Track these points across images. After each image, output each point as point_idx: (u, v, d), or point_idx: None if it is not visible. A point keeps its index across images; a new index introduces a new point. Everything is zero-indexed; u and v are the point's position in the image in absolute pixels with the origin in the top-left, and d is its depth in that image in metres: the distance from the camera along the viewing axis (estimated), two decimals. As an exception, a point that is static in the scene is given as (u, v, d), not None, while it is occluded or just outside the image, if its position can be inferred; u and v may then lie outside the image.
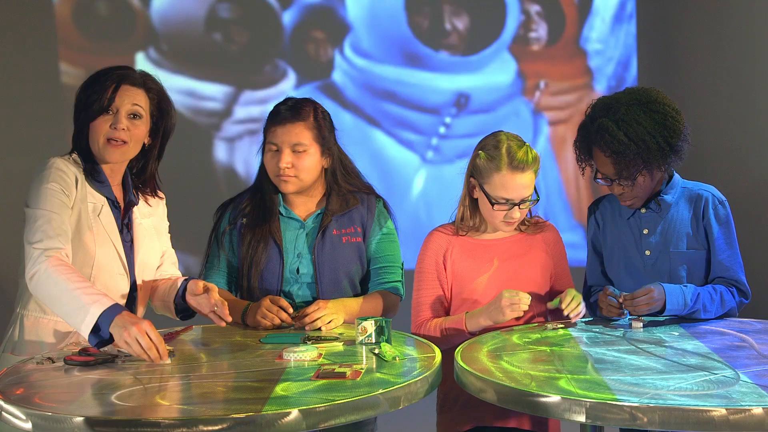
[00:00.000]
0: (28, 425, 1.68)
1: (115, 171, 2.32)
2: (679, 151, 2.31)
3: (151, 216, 2.39)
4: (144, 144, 2.33)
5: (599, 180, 2.37)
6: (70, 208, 2.19)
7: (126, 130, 2.24)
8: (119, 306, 2.02)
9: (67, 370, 1.97)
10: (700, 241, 2.37)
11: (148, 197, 2.40)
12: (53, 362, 2.02)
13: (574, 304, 2.24)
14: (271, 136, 2.42)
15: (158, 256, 2.41)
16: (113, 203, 2.29)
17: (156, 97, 2.32)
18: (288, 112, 2.42)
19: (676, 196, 2.39)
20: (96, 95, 2.24)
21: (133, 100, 2.26)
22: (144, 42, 5.12)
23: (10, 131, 4.87)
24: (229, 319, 2.20)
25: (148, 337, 1.97)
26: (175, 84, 5.06)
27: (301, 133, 2.40)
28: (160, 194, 2.46)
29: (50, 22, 5.00)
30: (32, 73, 4.91)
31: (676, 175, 2.41)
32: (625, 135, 2.26)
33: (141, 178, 2.38)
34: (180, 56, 5.13)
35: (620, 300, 2.26)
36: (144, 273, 2.34)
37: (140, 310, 2.37)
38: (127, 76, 2.28)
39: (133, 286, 2.31)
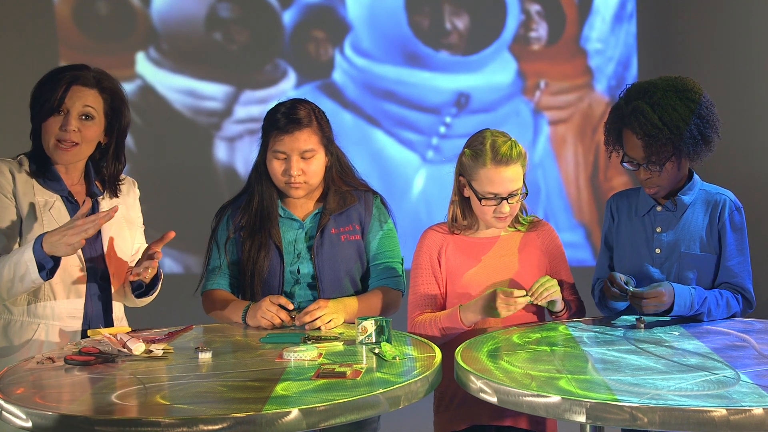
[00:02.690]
0: (29, 425, 1.68)
1: (71, 168, 2.33)
2: (710, 142, 2.31)
3: (120, 204, 2.39)
4: (100, 143, 2.35)
5: (625, 164, 2.37)
6: (12, 201, 2.24)
7: (76, 131, 2.26)
8: (40, 236, 2.14)
9: (68, 370, 1.97)
10: (712, 246, 2.36)
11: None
12: (53, 362, 2.03)
13: (540, 290, 2.24)
14: (278, 144, 2.40)
15: (129, 247, 2.42)
16: (67, 198, 2.30)
17: (109, 96, 2.32)
18: (291, 118, 2.40)
19: (693, 197, 2.39)
20: (47, 95, 2.25)
21: (84, 101, 2.27)
22: (144, 41, 5.12)
23: (10, 131, 4.87)
24: (172, 234, 2.28)
25: (73, 225, 2.09)
26: (175, 83, 5.06)
27: (309, 139, 2.40)
28: (132, 180, 2.49)
29: (51, 21, 5.00)
30: (33, 73, 4.90)
31: (696, 176, 2.41)
32: (659, 119, 2.26)
33: (99, 174, 2.39)
34: (180, 56, 5.13)
35: (629, 291, 2.25)
36: (114, 259, 2.36)
37: (116, 310, 2.39)
38: (79, 77, 2.28)
39: (105, 275, 2.34)
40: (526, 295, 2.23)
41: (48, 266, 2.14)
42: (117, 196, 2.41)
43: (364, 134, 5.26)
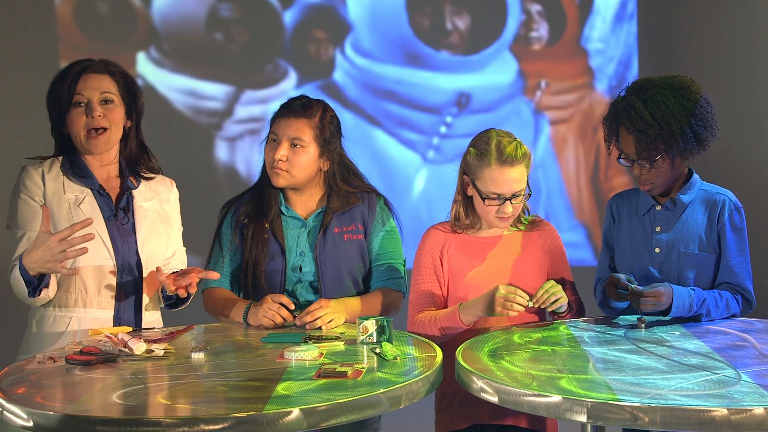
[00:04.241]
0: (30, 424, 1.68)
1: (104, 161, 2.36)
2: (703, 142, 2.31)
3: (153, 199, 2.43)
4: (124, 127, 2.39)
5: (621, 160, 2.38)
6: (42, 206, 2.26)
7: (102, 116, 2.30)
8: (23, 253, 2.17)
9: (68, 370, 1.97)
10: (711, 245, 2.36)
11: (151, 182, 2.44)
12: (54, 362, 2.03)
13: (545, 296, 2.24)
14: (274, 127, 2.45)
15: (164, 241, 2.42)
16: (98, 192, 2.33)
17: (121, 79, 2.37)
18: (293, 106, 2.45)
19: (692, 197, 2.39)
20: (62, 90, 2.29)
21: (100, 87, 2.31)
22: (145, 42, 5.12)
23: (12, 131, 4.88)
24: (217, 275, 2.35)
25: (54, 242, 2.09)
26: (176, 83, 5.07)
27: (302, 129, 2.41)
28: (170, 180, 2.51)
29: (51, 21, 5.00)
30: (33, 73, 4.91)
31: (695, 176, 2.42)
32: (650, 114, 2.27)
33: (125, 160, 2.42)
34: (181, 56, 5.14)
35: (630, 288, 2.25)
36: (147, 253, 2.37)
37: (146, 300, 2.39)
38: (87, 66, 2.33)
39: (139, 267, 2.35)
40: (530, 300, 2.23)
41: (33, 286, 2.19)
42: (147, 176, 2.44)
43: (365, 134, 5.27)
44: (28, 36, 4.95)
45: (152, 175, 2.46)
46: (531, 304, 2.24)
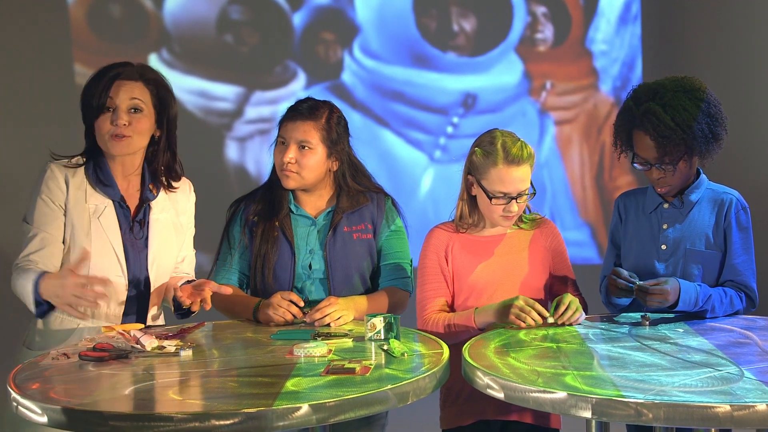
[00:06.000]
0: (44, 419, 1.71)
1: (127, 167, 2.34)
2: (719, 139, 2.35)
3: (170, 210, 2.41)
4: (154, 136, 2.36)
5: (636, 164, 2.39)
6: (61, 210, 2.26)
7: (127, 124, 2.27)
8: (42, 273, 2.14)
9: (82, 366, 2.00)
10: (718, 244, 2.38)
11: (170, 191, 2.41)
12: (68, 357, 2.06)
13: (569, 313, 2.26)
14: (282, 130, 2.48)
15: (174, 253, 2.42)
16: (120, 204, 2.32)
17: (155, 87, 2.34)
18: (299, 108, 2.48)
19: (700, 195, 2.41)
20: (94, 94, 2.27)
21: (130, 94, 2.28)
22: (157, 43, 5.16)
23: (24, 132, 4.92)
24: (230, 290, 2.30)
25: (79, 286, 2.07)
26: (187, 85, 5.10)
27: (309, 132, 2.44)
28: (189, 185, 2.49)
29: (64, 24, 5.04)
30: (47, 75, 4.95)
31: (703, 175, 2.44)
32: (672, 120, 2.29)
33: (151, 169, 2.39)
34: (192, 57, 5.17)
35: (635, 286, 2.27)
36: (157, 268, 2.36)
37: (153, 310, 2.40)
38: (121, 72, 2.30)
39: (147, 282, 2.34)
40: (550, 316, 2.24)
41: (42, 308, 2.18)
42: (173, 188, 2.41)
43: (372, 134, 5.29)
44: (42, 38, 4.99)
45: (177, 186, 2.42)
46: (552, 321, 2.25)
